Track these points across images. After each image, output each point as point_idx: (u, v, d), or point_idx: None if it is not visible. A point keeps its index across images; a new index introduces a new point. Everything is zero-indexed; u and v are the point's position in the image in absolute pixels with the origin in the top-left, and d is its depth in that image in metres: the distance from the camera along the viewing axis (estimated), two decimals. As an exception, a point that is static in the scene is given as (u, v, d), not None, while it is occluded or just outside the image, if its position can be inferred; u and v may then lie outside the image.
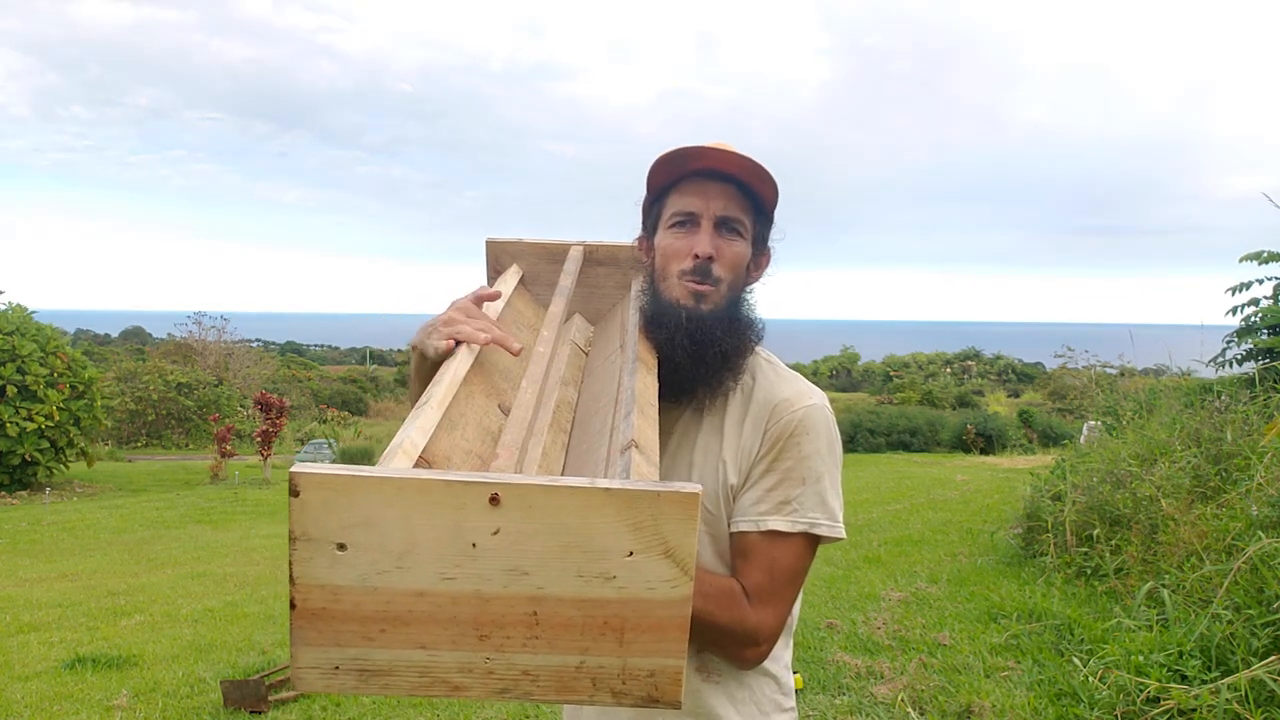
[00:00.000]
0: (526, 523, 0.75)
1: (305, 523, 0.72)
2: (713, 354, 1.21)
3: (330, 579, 0.74)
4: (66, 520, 12.25)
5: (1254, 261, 6.21)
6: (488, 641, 0.77)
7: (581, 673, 0.79)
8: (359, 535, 0.73)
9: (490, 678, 0.78)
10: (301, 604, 0.74)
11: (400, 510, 0.73)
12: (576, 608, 0.77)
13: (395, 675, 0.77)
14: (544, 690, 0.79)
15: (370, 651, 0.76)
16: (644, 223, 1.32)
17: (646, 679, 0.80)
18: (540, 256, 1.42)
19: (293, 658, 0.76)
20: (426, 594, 0.75)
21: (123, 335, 62.54)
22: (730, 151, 1.20)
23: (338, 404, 35.22)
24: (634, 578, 0.77)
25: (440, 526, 0.74)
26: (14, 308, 17.33)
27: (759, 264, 1.30)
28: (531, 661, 0.78)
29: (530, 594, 0.76)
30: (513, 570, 0.75)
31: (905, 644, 4.27)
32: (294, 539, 0.73)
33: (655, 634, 0.79)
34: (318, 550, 0.73)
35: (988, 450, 21.85)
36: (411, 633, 0.76)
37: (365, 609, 0.75)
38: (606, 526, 0.76)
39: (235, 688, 3.74)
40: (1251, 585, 3.09)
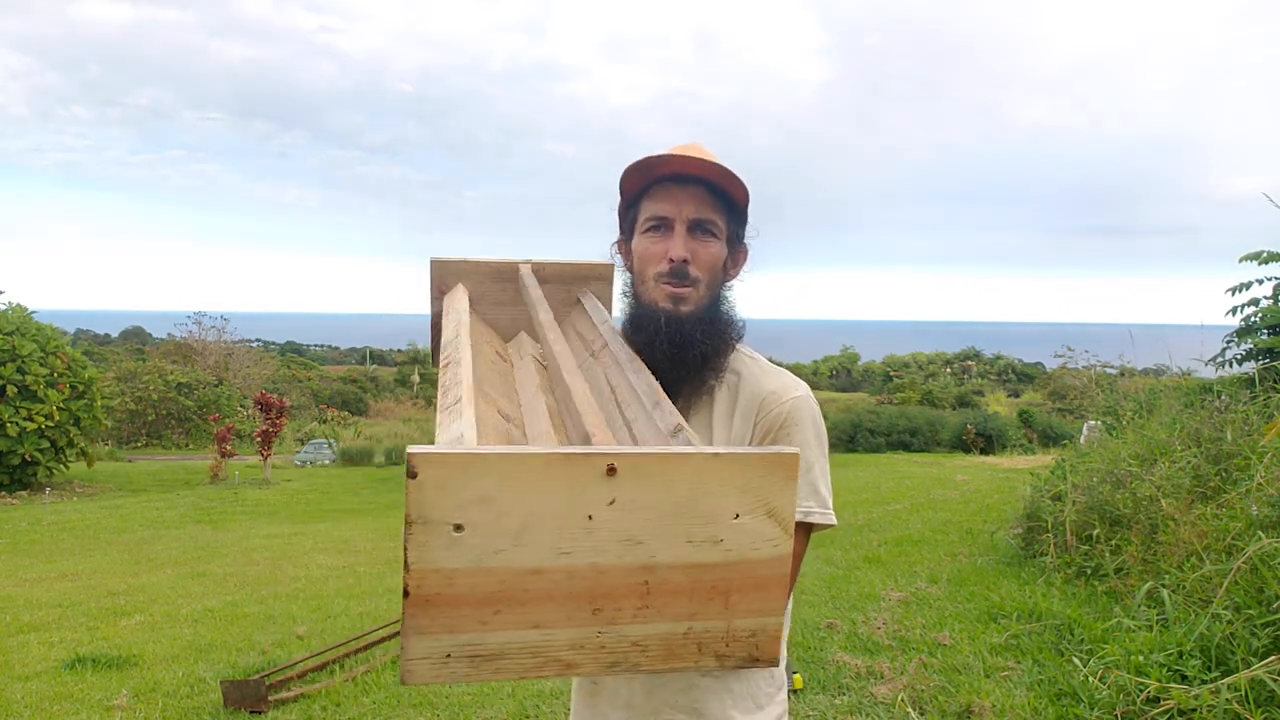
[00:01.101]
0: (641, 492, 0.75)
1: (423, 505, 0.71)
2: (693, 355, 1.24)
3: (446, 562, 0.72)
4: (66, 520, 12.25)
5: (1254, 261, 6.20)
6: (600, 615, 0.77)
7: (689, 639, 0.80)
8: (476, 514, 0.72)
9: (601, 652, 0.78)
10: (416, 591, 0.72)
11: (519, 486, 0.72)
12: (686, 573, 0.78)
13: (507, 659, 0.76)
14: (652, 660, 0.80)
15: (483, 636, 0.75)
16: (620, 228, 1.35)
17: (749, 639, 0.82)
18: (486, 276, 1.41)
19: (403, 649, 0.74)
20: (543, 571, 0.75)
21: (123, 335, 62.54)
22: (696, 156, 1.23)
23: (338, 404, 35.22)
24: (740, 539, 0.79)
25: (558, 500, 0.73)
26: (14, 308, 17.33)
27: (736, 261, 1.33)
28: (641, 632, 0.79)
29: (643, 563, 0.77)
30: (627, 540, 0.76)
31: (905, 644, 4.27)
32: (410, 523, 0.71)
33: (758, 594, 0.81)
34: (434, 533, 0.71)
35: (988, 450, 21.86)
36: (526, 612, 0.75)
37: (480, 591, 0.74)
38: (716, 491, 0.77)
39: (235, 688, 3.74)
40: (1251, 585, 3.08)
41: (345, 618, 5.43)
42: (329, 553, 8.66)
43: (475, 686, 3.93)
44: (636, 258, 1.30)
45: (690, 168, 1.23)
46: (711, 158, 1.24)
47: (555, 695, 3.81)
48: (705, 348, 1.24)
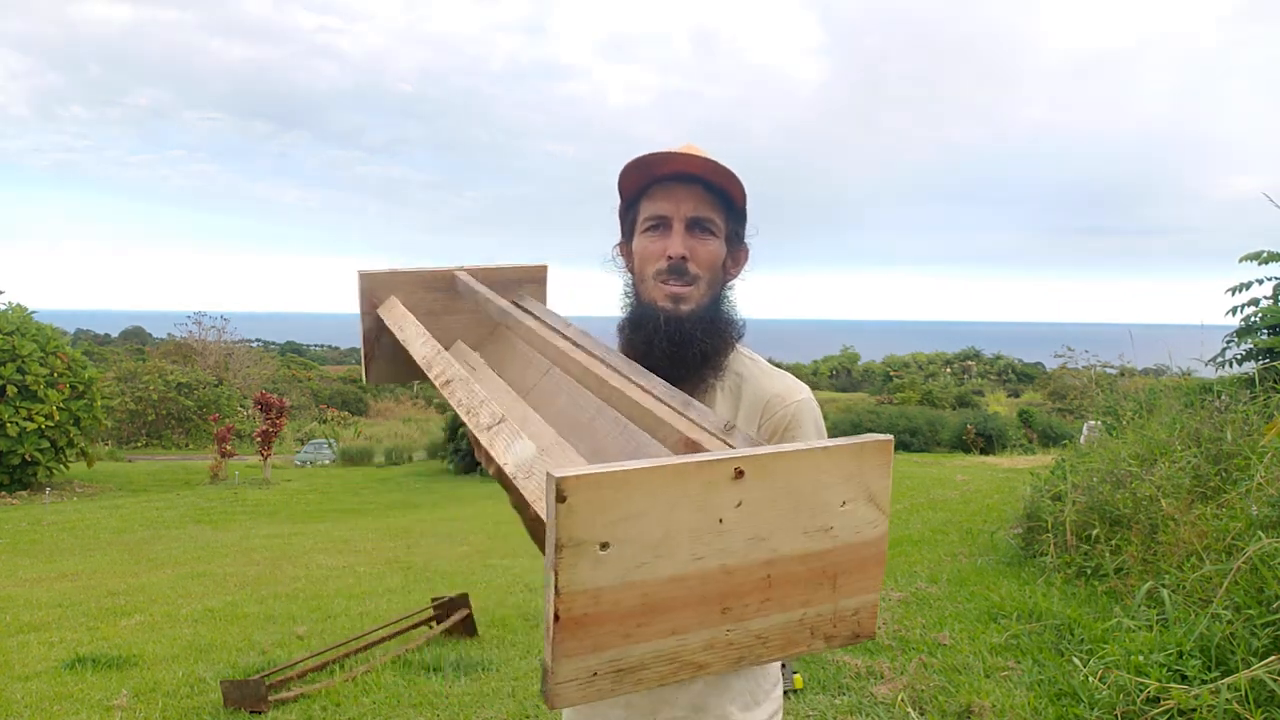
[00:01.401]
0: (764, 490, 0.78)
1: (572, 527, 0.71)
2: (692, 354, 1.24)
3: (593, 581, 0.73)
4: (66, 520, 12.25)
5: (1254, 261, 6.20)
6: (729, 614, 0.80)
7: (803, 625, 0.84)
8: (622, 531, 0.73)
9: (730, 649, 0.81)
10: (566, 614, 0.73)
11: (660, 498, 0.74)
12: (801, 563, 0.82)
13: (647, 669, 0.77)
14: (772, 649, 0.83)
15: (627, 649, 0.76)
16: (621, 230, 1.36)
17: (852, 618, 0.87)
18: (419, 285, 1.40)
19: (551, 675, 0.74)
20: (680, 578, 0.76)
21: (123, 335, 62.52)
22: (694, 155, 1.23)
23: (338, 404, 35.22)
24: (847, 525, 0.84)
25: (693, 508, 0.76)
26: (14, 308, 17.33)
27: (736, 260, 1.33)
28: (764, 624, 0.82)
29: (765, 558, 0.80)
30: (752, 538, 0.79)
31: (905, 644, 4.27)
32: (561, 547, 0.71)
33: (860, 574, 0.86)
34: (582, 554, 0.72)
35: (988, 450, 21.85)
36: (666, 620, 0.77)
37: (624, 606, 0.75)
38: (827, 482, 0.82)
39: (235, 688, 3.74)
40: (1251, 585, 3.08)
41: (345, 618, 5.43)
42: (329, 553, 8.66)
43: (474, 686, 3.94)
44: (636, 257, 1.30)
45: (690, 165, 1.24)
46: (710, 157, 1.24)
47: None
48: (705, 346, 1.25)
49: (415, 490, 17.01)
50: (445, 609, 4.82)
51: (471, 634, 4.78)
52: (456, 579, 6.69)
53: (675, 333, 1.24)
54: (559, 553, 0.71)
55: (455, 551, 8.40)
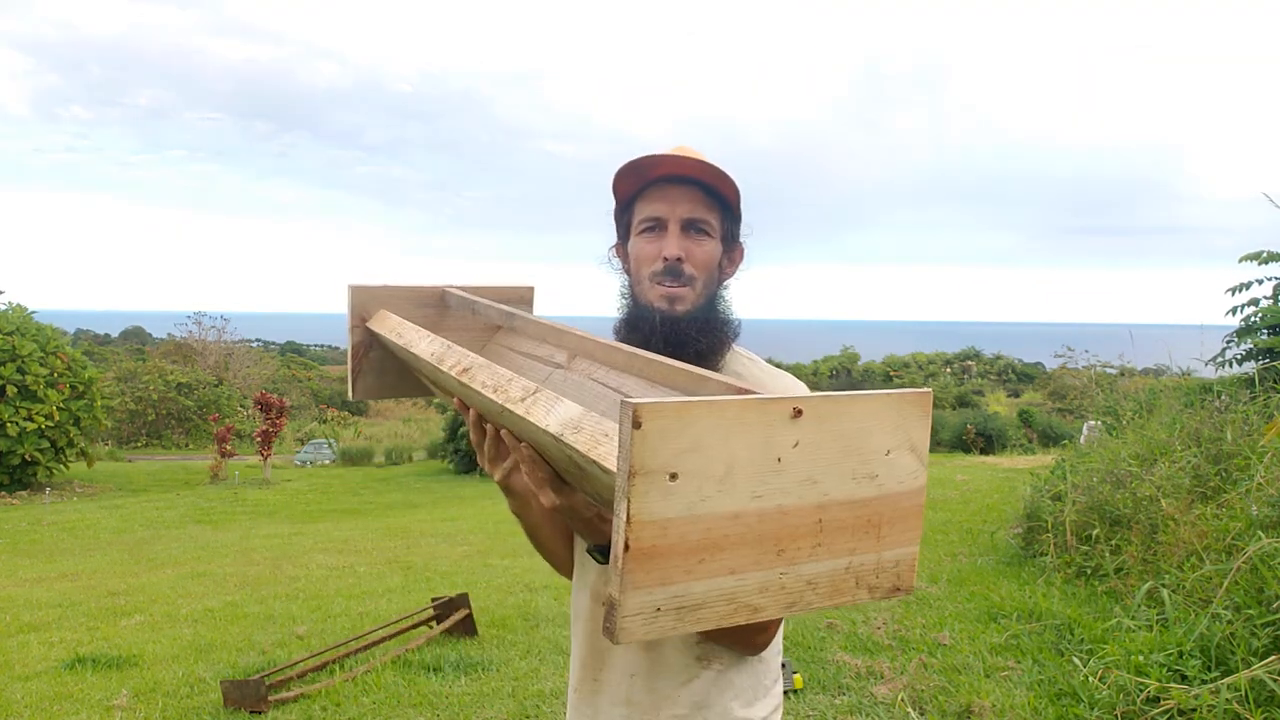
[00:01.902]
0: (819, 432, 0.81)
1: (645, 455, 0.73)
2: (687, 355, 1.24)
3: (662, 512, 0.75)
4: (66, 520, 12.25)
5: (1254, 261, 6.20)
6: (784, 556, 0.82)
7: (849, 573, 0.86)
8: (689, 462, 0.75)
9: (783, 593, 0.83)
10: (635, 544, 0.74)
11: (724, 431, 0.76)
12: (849, 509, 0.85)
13: (706, 608, 0.79)
14: (820, 596, 0.85)
15: (689, 586, 0.77)
16: (617, 232, 1.37)
17: (892, 570, 0.89)
18: (408, 301, 1.42)
19: (619, 606, 0.75)
20: (740, 515, 0.78)
21: (123, 335, 62.54)
22: (687, 157, 1.24)
23: (338, 404, 35.20)
24: (890, 473, 0.86)
25: (753, 445, 0.78)
26: (14, 308, 17.33)
27: (733, 260, 1.34)
28: (814, 569, 0.84)
29: (817, 501, 0.82)
30: (806, 480, 0.81)
31: (905, 644, 4.27)
32: (634, 474, 0.72)
33: (902, 524, 0.89)
34: (653, 483, 0.74)
35: (988, 450, 21.85)
36: (725, 558, 0.79)
37: (689, 539, 0.76)
38: (874, 428, 0.84)
39: (235, 688, 3.74)
40: (1251, 585, 3.08)
41: (345, 618, 5.43)
42: (329, 553, 8.66)
43: (474, 686, 3.94)
44: (632, 259, 1.31)
45: (683, 167, 1.25)
46: (703, 158, 1.25)
47: (555, 695, 3.81)
48: (700, 346, 1.25)
49: (415, 490, 17.01)
50: (445, 609, 4.82)
51: (471, 634, 4.78)
52: (456, 579, 6.68)
53: (670, 333, 1.24)
54: (632, 480, 0.73)
55: (455, 551, 8.40)
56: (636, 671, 1.25)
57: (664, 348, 1.24)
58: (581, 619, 1.33)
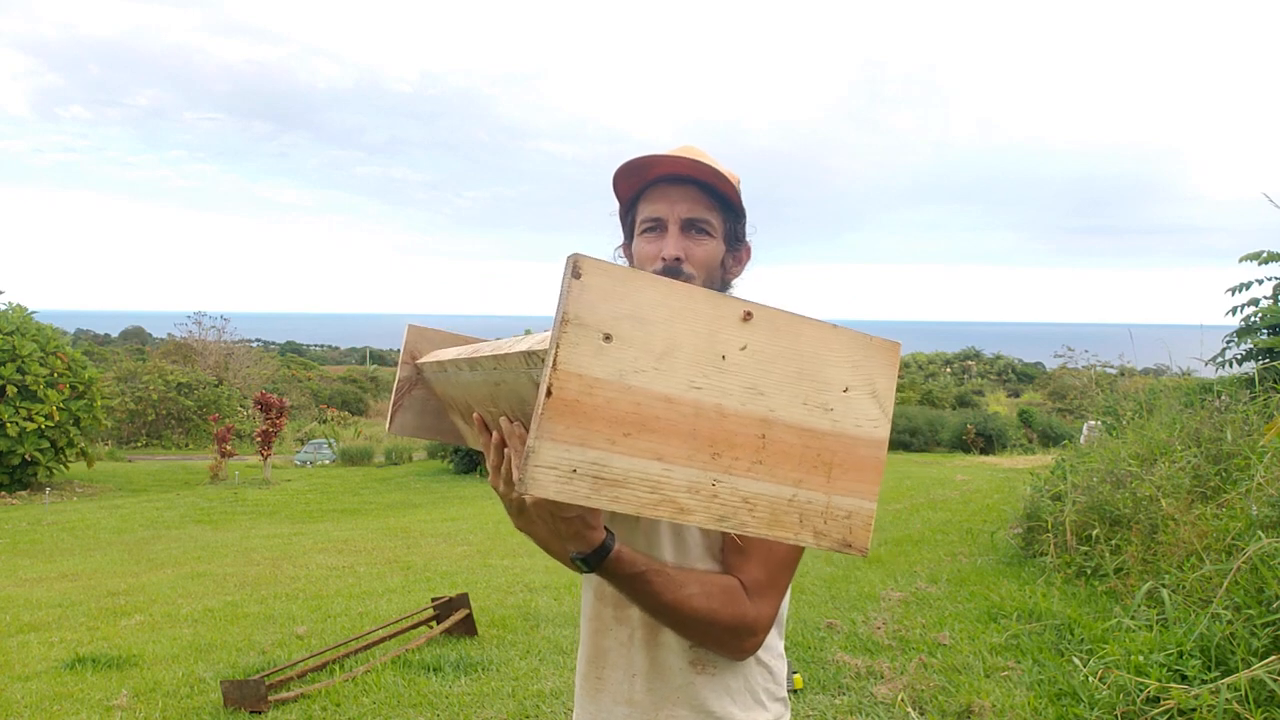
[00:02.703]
0: (770, 343, 0.80)
1: (580, 306, 0.72)
2: None
3: (590, 369, 0.73)
4: (66, 520, 12.25)
5: (1254, 261, 6.21)
6: (718, 461, 0.80)
7: (792, 506, 0.84)
8: (627, 328, 0.74)
9: (714, 502, 0.80)
10: (558, 392, 0.73)
11: (668, 310, 0.76)
12: (798, 435, 0.82)
13: (627, 488, 0.77)
14: (758, 521, 0.82)
15: (610, 457, 0.76)
16: (623, 230, 1.37)
17: (844, 520, 0.86)
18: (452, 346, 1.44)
19: (532, 453, 0.73)
20: (674, 401, 0.77)
21: (123, 335, 62.56)
22: (681, 157, 1.24)
23: (338, 404, 35.21)
24: (847, 412, 0.84)
25: (699, 333, 0.77)
26: (14, 308, 17.34)
27: (739, 259, 1.34)
28: (752, 488, 0.81)
29: (762, 415, 0.80)
30: (751, 389, 0.80)
31: (905, 644, 4.27)
32: (565, 321, 0.72)
33: (857, 472, 0.86)
34: (585, 337, 0.73)
35: (988, 450, 21.85)
36: (653, 441, 0.77)
37: (616, 408, 0.75)
38: (832, 360, 0.83)
39: (235, 688, 3.74)
40: (1251, 585, 3.08)
41: (345, 618, 5.43)
42: (329, 553, 8.66)
43: (474, 686, 3.94)
44: (635, 260, 1.32)
45: (681, 167, 1.25)
46: (702, 158, 1.25)
47: (555, 695, 3.81)
48: None
49: (415, 490, 17.01)
50: (445, 609, 4.82)
51: (471, 634, 4.78)
52: (456, 579, 6.69)
53: None
54: (564, 328, 0.72)
55: (455, 551, 8.40)
56: (638, 672, 1.25)
57: None
58: (587, 617, 1.33)
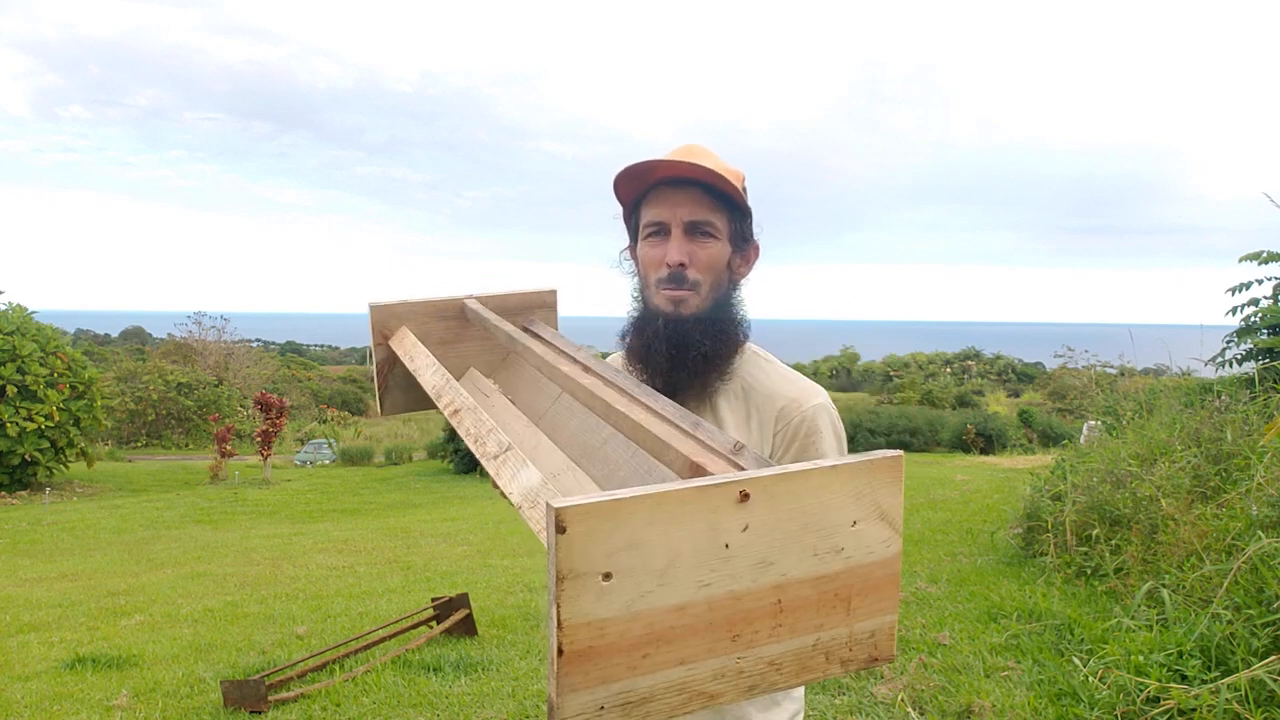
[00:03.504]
0: (771, 513, 0.77)
1: (573, 559, 0.70)
2: (693, 356, 1.23)
3: (596, 613, 0.72)
4: (66, 520, 12.25)
5: (1254, 261, 6.21)
6: (739, 641, 0.78)
7: (817, 649, 0.82)
8: (624, 560, 0.72)
9: (741, 677, 0.79)
10: (569, 647, 0.71)
11: (662, 525, 0.73)
12: (813, 587, 0.80)
13: (656, 700, 0.76)
14: (786, 676, 0.81)
15: (634, 681, 0.74)
16: (627, 232, 1.35)
17: (868, 640, 0.85)
18: (429, 315, 1.40)
19: (557, 709, 0.72)
20: (686, 606, 0.75)
21: (123, 335, 62.55)
22: (680, 161, 1.21)
23: (338, 404, 35.21)
24: (859, 545, 0.82)
25: (697, 534, 0.74)
26: (14, 308, 17.34)
27: (746, 259, 1.31)
28: (776, 650, 0.80)
29: (775, 582, 0.78)
30: (760, 563, 0.77)
31: (905, 644, 4.27)
32: (561, 579, 0.69)
33: (875, 595, 0.84)
34: (584, 586, 0.71)
35: (988, 450, 21.86)
36: (673, 650, 0.75)
37: (630, 636, 0.73)
38: (835, 502, 0.80)
39: (235, 688, 3.74)
40: (1251, 585, 3.08)
41: (345, 618, 5.43)
42: (329, 553, 8.66)
43: (474, 686, 3.94)
44: (641, 263, 1.30)
45: (681, 170, 1.22)
46: (704, 158, 1.23)
47: (555, 695, 3.80)
48: (705, 348, 1.23)
49: (415, 490, 17.01)
50: (445, 609, 4.82)
51: (471, 634, 4.78)
52: (456, 579, 6.69)
53: (674, 335, 1.23)
54: (560, 585, 0.70)
55: (455, 551, 8.40)
56: None
57: (667, 350, 1.22)
58: None
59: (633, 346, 1.28)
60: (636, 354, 1.27)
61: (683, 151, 1.26)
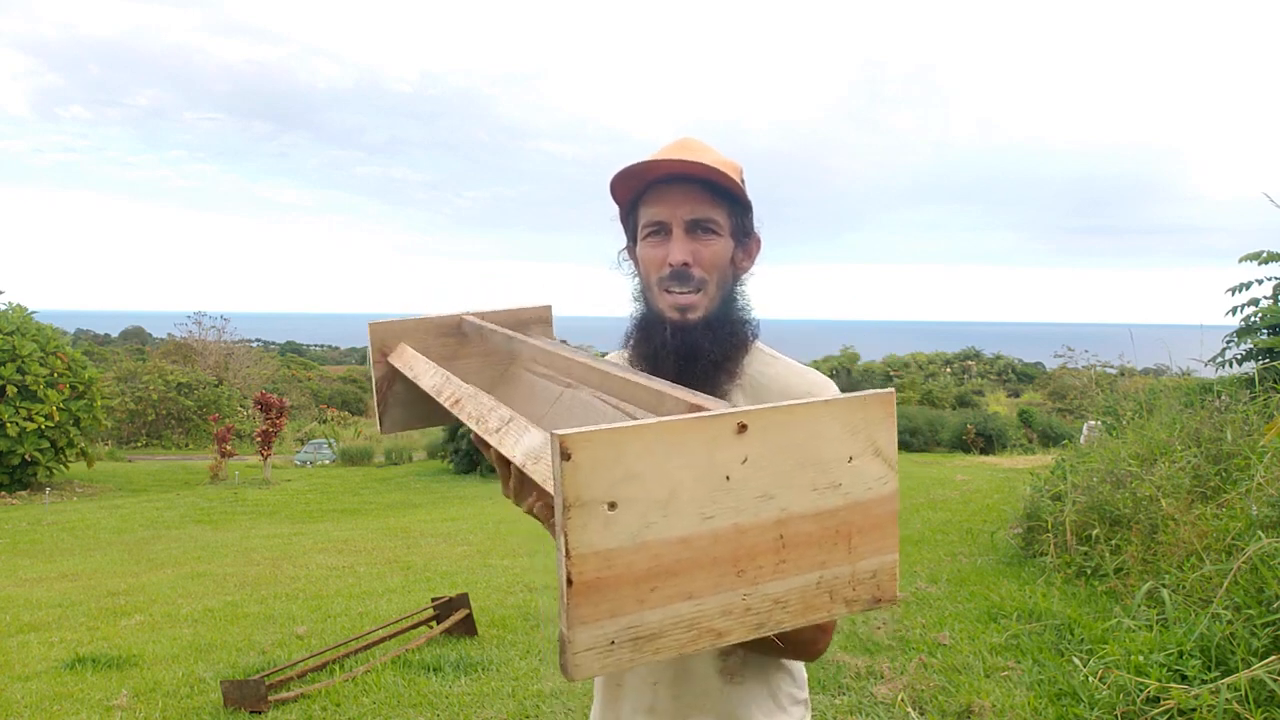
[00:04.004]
0: (769, 445, 0.78)
1: (579, 487, 0.71)
2: (702, 364, 1.22)
3: (603, 543, 0.72)
4: (66, 520, 12.25)
5: (1254, 261, 6.21)
6: (744, 576, 0.79)
7: (821, 588, 0.83)
8: (627, 489, 0.73)
9: (748, 615, 0.80)
10: (578, 578, 0.72)
11: (663, 455, 0.74)
12: (814, 522, 0.81)
13: (665, 636, 0.76)
14: (793, 614, 0.82)
15: (642, 615, 0.75)
16: (625, 232, 1.33)
17: (870, 580, 0.85)
18: (427, 332, 1.41)
19: (569, 643, 0.73)
20: (690, 538, 0.76)
21: (123, 335, 62.56)
22: (680, 159, 1.19)
23: (338, 404, 35.22)
24: (856, 481, 0.83)
25: (697, 465, 0.75)
26: (14, 308, 17.34)
27: (748, 252, 1.29)
28: (780, 587, 0.81)
29: (776, 517, 0.79)
30: (761, 496, 0.78)
31: (905, 644, 4.27)
32: (568, 507, 0.71)
33: (875, 533, 0.85)
34: (591, 514, 0.72)
35: (988, 450, 21.86)
36: (680, 583, 0.76)
37: (637, 568, 0.74)
38: (831, 435, 0.81)
39: (235, 688, 3.74)
40: (1251, 585, 3.08)
41: (345, 618, 5.43)
42: (329, 553, 8.66)
43: (474, 686, 3.94)
44: (641, 264, 1.27)
45: (676, 168, 1.20)
46: (701, 153, 1.21)
47: (555, 696, 3.81)
48: (714, 354, 1.22)
49: (415, 490, 17.01)
50: (445, 609, 4.82)
51: (471, 634, 4.78)
52: (456, 579, 6.69)
53: (681, 344, 1.21)
54: (567, 513, 0.71)
55: (455, 551, 8.40)
56: (660, 679, 1.23)
57: (675, 359, 1.21)
58: None
59: (639, 351, 1.26)
60: (644, 359, 1.25)
61: (679, 146, 1.24)
